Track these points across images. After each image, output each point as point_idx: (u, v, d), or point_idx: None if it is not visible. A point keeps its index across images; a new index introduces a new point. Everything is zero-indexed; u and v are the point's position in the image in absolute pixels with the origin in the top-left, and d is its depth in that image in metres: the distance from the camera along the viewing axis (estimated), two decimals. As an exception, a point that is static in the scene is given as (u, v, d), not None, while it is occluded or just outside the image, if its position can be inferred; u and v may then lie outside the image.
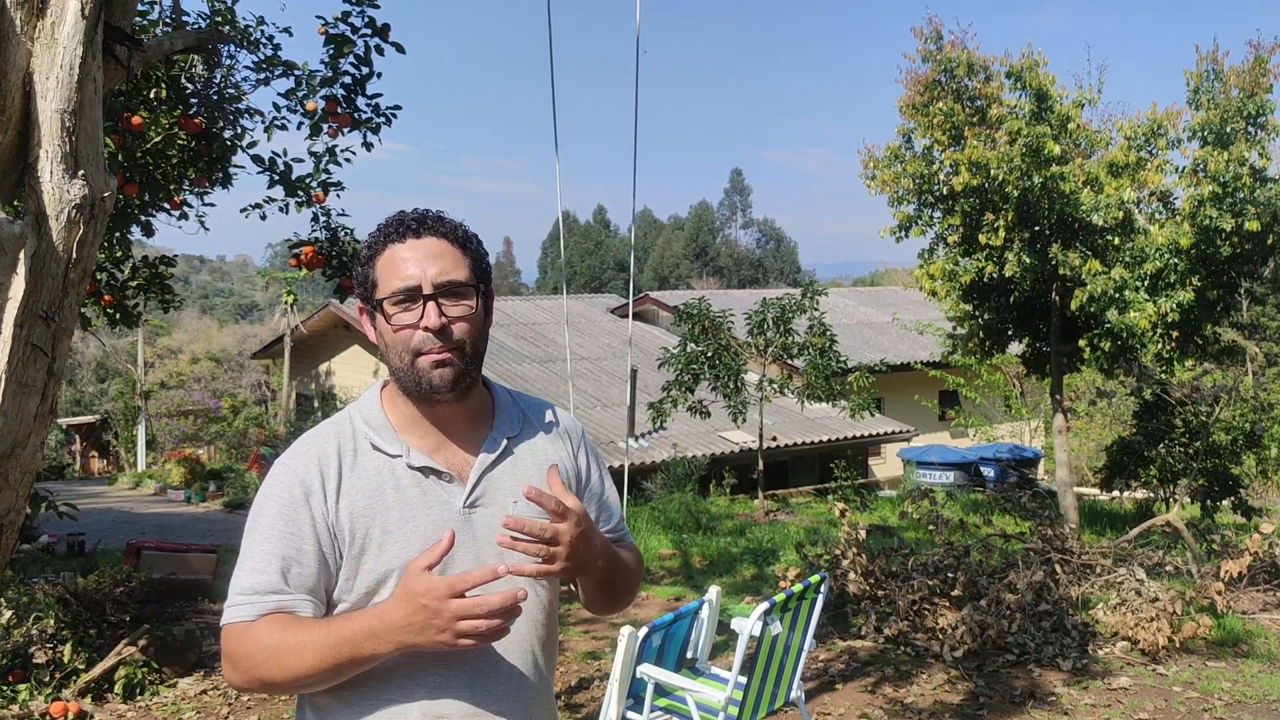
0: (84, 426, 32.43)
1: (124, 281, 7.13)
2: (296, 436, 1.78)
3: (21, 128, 2.43)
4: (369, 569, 1.60)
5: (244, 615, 1.55)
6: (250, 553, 1.59)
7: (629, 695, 4.36)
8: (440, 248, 1.62)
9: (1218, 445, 12.87)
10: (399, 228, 1.63)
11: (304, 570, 1.58)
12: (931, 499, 9.23)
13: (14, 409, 2.32)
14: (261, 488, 1.64)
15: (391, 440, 1.66)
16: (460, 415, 1.69)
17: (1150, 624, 6.30)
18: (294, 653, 1.50)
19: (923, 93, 10.75)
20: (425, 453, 1.66)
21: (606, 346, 24.17)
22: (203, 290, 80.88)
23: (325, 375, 27.30)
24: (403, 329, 1.60)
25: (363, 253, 1.68)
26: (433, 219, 1.65)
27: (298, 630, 1.52)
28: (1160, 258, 10.10)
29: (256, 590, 1.56)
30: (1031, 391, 23.38)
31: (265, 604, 1.55)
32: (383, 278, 1.62)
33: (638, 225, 51.97)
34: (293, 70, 6.01)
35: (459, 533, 1.63)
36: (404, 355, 1.61)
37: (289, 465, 1.63)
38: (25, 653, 5.66)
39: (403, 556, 1.59)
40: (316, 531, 1.59)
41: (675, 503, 13.63)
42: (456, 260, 1.63)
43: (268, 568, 1.57)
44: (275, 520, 1.59)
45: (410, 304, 1.60)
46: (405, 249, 1.61)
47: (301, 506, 1.59)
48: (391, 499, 1.62)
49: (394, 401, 1.69)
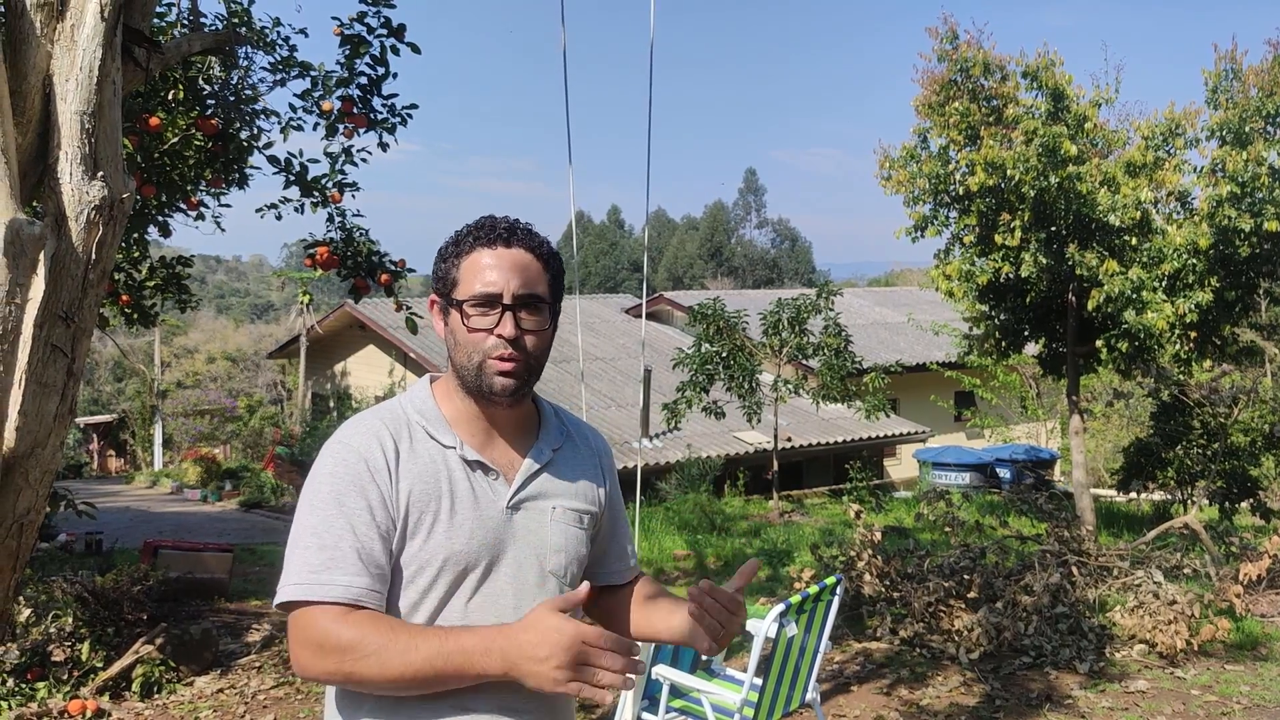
0: (101, 425, 32.65)
1: (141, 281, 7.17)
2: (312, 436, 1.79)
3: (41, 129, 2.44)
4: (412, 553, 1.60)
5: (311, 595, 1.52)
6: (315, 530, 1.56)
7: (644, 696, 4.36)
8: (525, 260, 1.65)
9: (1236, 447, 12.77)
10: (490, 233, 1.66)
11: (377, 548, 1.57)
12: (947, 500, 9.16)
13: (34, 409, 2.33)
14: (317, 466, 1.63)
15: (445, 432, 1.68)
16: (510, 419, 1.73)
17: (1168, 627, 6.26)
18: (401, 655, 1.48)
19: (938, 92, 10.70)
20: (475, 448, 1.69)
21: (621, 347, 24.17)
22: (219, 290, 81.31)
23: (340, 375, 27.39)
24: (477, 332, 1.63)
25: (447, 249, 1.69)
26: (522, 231, 1.68)
27: (409, 632, 1.50)
28: (1178, 258, 10.03)
29: (321, 567, 1.54)
30: (1048, 392, 23.28)
31: (333, 588, 1.52)
32: (465, 278, 1.65)
33: (652, 225, 51.99)
34: (309, 71, 6.03)
35: (501, 532, 1.66)
36: (473, 356, 1.64)
37: (348, 444, 1.62)
38: (44, 651, 5.69)
39: (449, 546, 1.61)
40: (386, 507, 1.59)
41: (690, 503, 13.63)
42: (539, 275, 1.66)
43: (341, 544, 1.55)
44: (344, 496, 1.58)
45: (488, 309, 1.62)
46: (492, 255, 1.64)
47: (367, 483, 1.59)
48: (445, 487, 1.63)
49: (447, 397, 1.72)
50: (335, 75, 5.90)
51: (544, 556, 1.70)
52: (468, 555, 1.62)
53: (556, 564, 1.72)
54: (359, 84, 5.90)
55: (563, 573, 1.73)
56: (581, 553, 1.77)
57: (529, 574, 1.68)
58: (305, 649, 1.52)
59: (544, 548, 1.70)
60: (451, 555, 1.61)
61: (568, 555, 1.73)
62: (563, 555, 1.73)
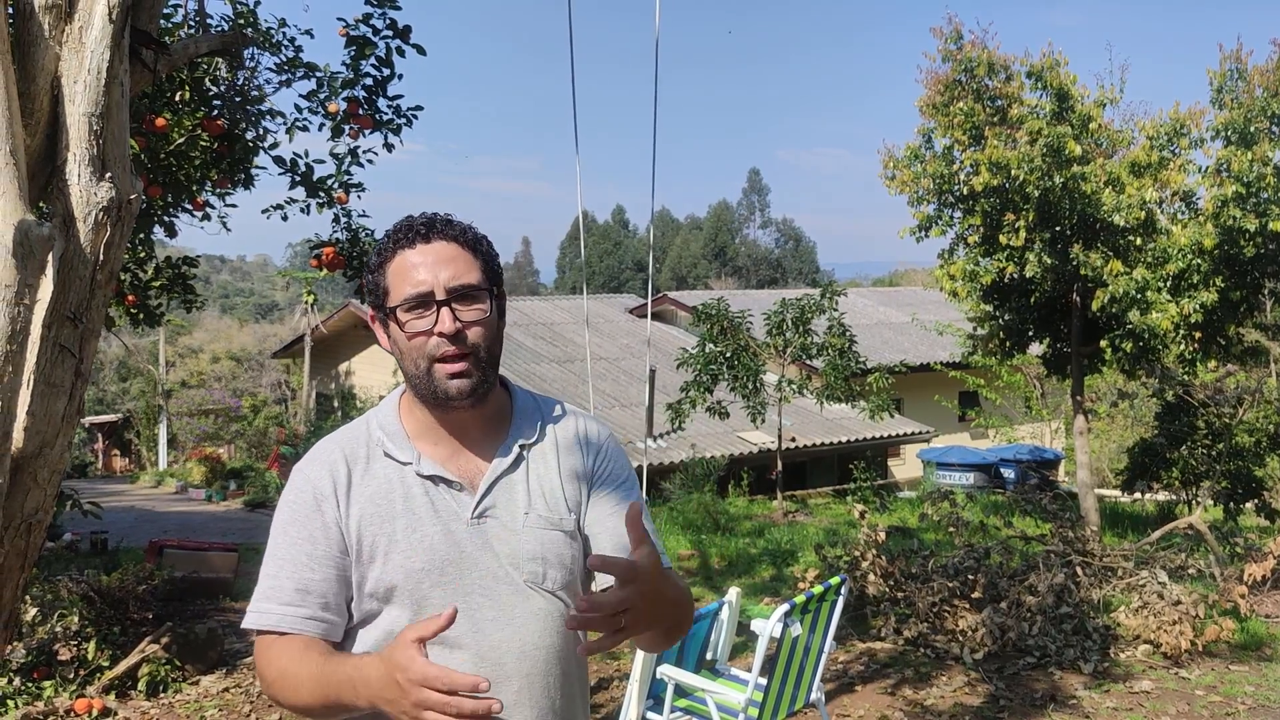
0: (106, 425, 32.71)
1: (147, 281, 7.17)
2: (317, 436, 1.80)
3: (50, 131, 2.45)
4: (375, 579, 1.58)
5: (259, 623, 1.57)
6: (269, 558, 1.60)
7: (649, 696, 4.37)
8: (451, 251, 1.59)
9: (1241, 447, 12.74)
10: (408, 233, 1.60)
11: (316, 578, 1.57)
12: (951, 500, 9.17)
13: (42, 409, 2.35)
14: (283, 493, 1.65)
15: (404, 448, 1.64)
16: (476, 421, 1.66)
17: (1172, 627, 6.26)
18: (295, 681, 1.50)
19: (943, 92, 10.69)
20: (438, 460, 1.63)
21: (625, 347, 24.17)
22: (223, 290, 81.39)
23: (345, 375, 27.43)
24: (417, 336, 1.57)
25: (372, 260, 1.65)
26: (441, 222, 1.62)
27: (306, 659, 1.51)
28: (1183, 258, 10.02)
29: (271, 598, 1.57)
30: (1052, 393, 23.23)
31: (282, 616, 1.56)
32: (394, 285, 1.59)
33: (656, 225, 51.86)
34: (314, 72, 6.03)
35: (468, 544, 1.60)
36: (419, 362, 1.58)
37: (304, 472, 1.64)
38: (50, 650, 5.71)
39: (407, 567, 1.57)
40: (329, 539, 1.58)
41: (694, 503, 13.62)
42: (468, 263, 1.60)
43: (280, 574, 1.58)
44: (289, 526, 1.60)
45: (423, 310, 1.57)
46: (415, 254, 1.59)
47: (314, 513, 1.59)
48: (400, 507, 1.60)
49: (410, 408, 1.67)
50: (341, 76, 5.90)
51: (518, 566, 1.61)
52: (429, 573, 1.57)
53: (533, 573, 1.61)
54: (364, 85, 5.90)
55: (541, 580, 1.62)
56: (565, 556, 1.65)
57: (503, 586, 1.60)
58: (258, 674, 1.59)
59: (517, 557, 1.61)
60: (411, 574, 1.57)
61: (545, 563, 1.62)
62: (538, 563, 1.62)
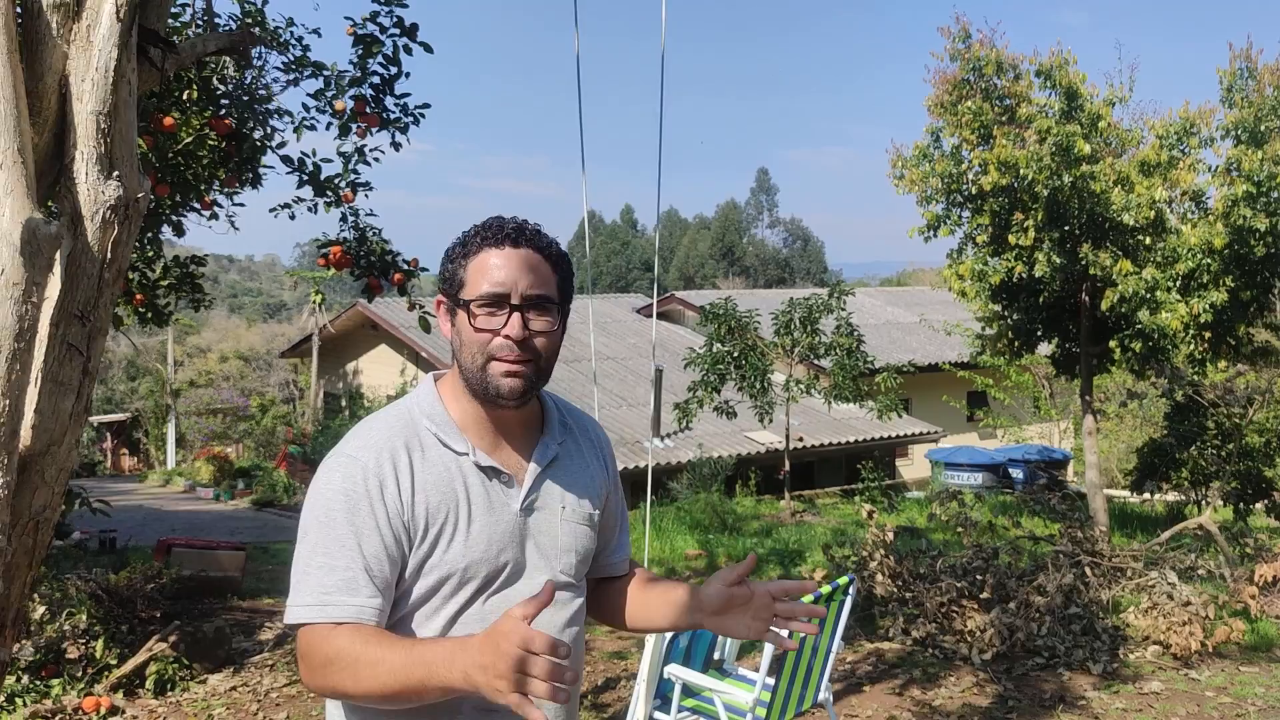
0: (115, 424, 32.84)
1: (155, 281, 7.18)
2: (324, 435, 1.79)
3: (57, 129, 2.45)
4: (432, 565, 1.60)
5: (323, 617, 1.53)
6: (327, 549, 1.56)
7: (656, 696, 4.36)
8: (534, 261, 1.64)
9: (1251, 447, 12.70)
10: (497, 233, 1.64)
11: (379, 568, 1.56)
12: (960, 500, 9.15)
13: (50, 408, 2.34)
14: (324, 480, 1.61)
15: (456, 437, 1.67)
16: (516, 420, 1.71)
17: (1182, 628, 6.23)
18: (370, 667, 1.47)
19: (951, 91, 10.67)
20: (486, 451, 1.68)
21: (632, 346, 24.17)
22: (231, 289, 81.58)
23: (353, 374, 27.47)
24: (483, 332, 1.61)
25: (454, 250, 1.68)
26: (531, 231, 1.66)
27: (380, 645, 1.48)
28: (1193, 258, 9.98)
29: (334, 589, 1.54)
30: (1061, 393, 23.20)
31: (345, 609, 1.53)
32: (472, 279, 1.63)
33: (663, 225, 51.91)
34: (322, 71, 6.03)
35: (515, 535, 1.66)
36: (478, 357, 1.62)
37: (356, 458, 1.61)
38: (58, 648, 5.72)
39: (468, 556, 1.61)
40: (392, 526, 1.57)
41: (701, 503, 13.62)
42: (547, 276, 1.65)
43: (345, 565, 1.55)
44: (350, 515, 1.57)
45: (496, 309, 1.61)
46: (500, 256, 1.63)
47: (376, 501, 1.57)
48: (461, 495, 1.63)
49: (455, 398, 1.70)
50: (348, 75, 5.90)
51: (553, 557, 1.70)
52: (486, 563, 1.63)
53: (566, 564, 1.72)
54: (372, 84, 5.90)
55: (572, 571, 1.73)
56: (589, 550, 1.77)
57: (542, 576, 1.67)
58: (304, 663, 1.56)
59: (554, 549, 1.71)
60: (471, 564, 1.61)
61: (576, 555, 1.74)
62: (572, 555, 1.73)
